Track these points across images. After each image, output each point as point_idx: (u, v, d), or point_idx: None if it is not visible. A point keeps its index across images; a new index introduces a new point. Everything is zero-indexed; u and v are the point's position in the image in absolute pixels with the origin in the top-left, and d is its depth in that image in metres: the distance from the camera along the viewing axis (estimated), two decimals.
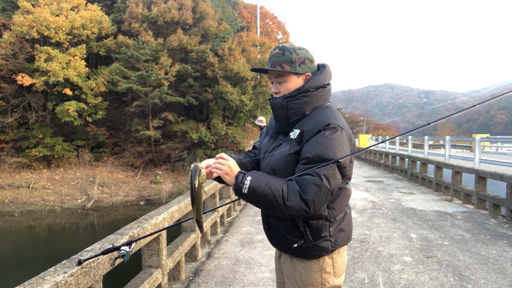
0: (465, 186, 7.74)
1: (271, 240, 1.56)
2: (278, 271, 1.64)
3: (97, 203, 20.45)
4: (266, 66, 1.50)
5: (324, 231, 1.42)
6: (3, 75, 21.50)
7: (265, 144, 1.62)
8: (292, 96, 1.46)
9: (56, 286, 1.54)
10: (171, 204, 3.55)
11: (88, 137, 24.29)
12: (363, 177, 12.23)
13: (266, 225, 1.56)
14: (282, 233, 1.45)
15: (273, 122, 1.64)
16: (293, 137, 1.43)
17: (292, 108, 1.46)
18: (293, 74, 1.48)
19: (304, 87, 1.46)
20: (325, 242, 1.43)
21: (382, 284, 3.34)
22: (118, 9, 27.44)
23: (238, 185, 1.31)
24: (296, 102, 1.45)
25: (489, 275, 3.55)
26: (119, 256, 1.38)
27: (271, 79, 1.53)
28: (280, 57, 1.46)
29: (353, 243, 4.62)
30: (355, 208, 6.92)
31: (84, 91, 22.57)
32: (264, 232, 1.62)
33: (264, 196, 1.29)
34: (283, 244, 1.48)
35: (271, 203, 1.28)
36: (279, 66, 1.46)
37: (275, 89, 1.51)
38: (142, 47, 23.01)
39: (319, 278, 1.44)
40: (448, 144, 9.78)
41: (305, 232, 1.40)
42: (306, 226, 1.41)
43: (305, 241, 1.41)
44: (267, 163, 1.51)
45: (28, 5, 21.74)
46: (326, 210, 1.42)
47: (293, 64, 1.46)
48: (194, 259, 4.13)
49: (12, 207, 19.48)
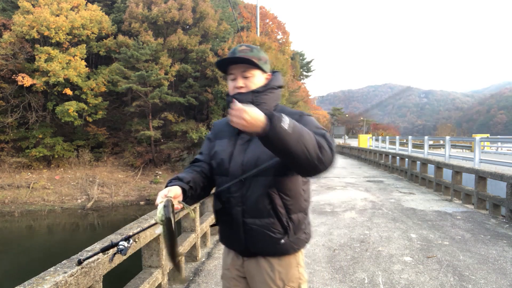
0: (465, 186, 7.74)
1: (245, 245, 1.42)
2: (235, 280, 1.51)
3: (97, 203, 20.45)
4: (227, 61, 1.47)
5: (302, 224, 1.44)
6: (3, 75, 21.51)
7: (225, 146, 1.49)
8: (260, 91, 1.45)
9: (56, 286, 1.54)
10: None
11: (88, 137, 24.29)
12: (363, 177, 12.23)
13: (240, 229, 1.42)
14: (264, 232, 1.38)
15: (222, 125, 1.58)
16: None
17: (261, 103, 1.42)
18: (261, 71, 1.48)
19: (270, 84, 1.48)
20: (303, 234, 1.45)
21: (382, 284, 3.34)
22: (118, 9, 27.43)
23: (275, 122, 1.11)
24: (265, 97, 1.45)
25: (489, 275, 3.55)
26: (118, 251, 1.35)
27: (234, 74, 1.47)
28: (248, 53, 1.45)
29: (353, 243, 4.63)
30: (355, 208, 6.93)
31: (84, 91, 22.58)
32: (231, 241, 1.49)
33: (303, 133, 1.15)
34: (264, 245, 1.39)
35: (310, 142, 1.16)
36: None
37: (240, 84, 1.46)
38: (142, 47, 23.01)
39: (297, 273, 1.45)
40: (448, 144, 9.77)
41: (288, 227, 1.38)
42: (289, 221, 1.39)
43: (288, 236, 1.39)
44: (240, 160, 1.41)
45: (28, 5, 21.74)
46: (303, 202, 1.44)
47: (260, 61, 1.46)
48: (194, 259, 4.13)
49: (12, 207, 19.48)
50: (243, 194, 1.41)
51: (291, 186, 1.40)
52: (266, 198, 1.37)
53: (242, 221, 1.41)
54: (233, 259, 1.52)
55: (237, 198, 1.42)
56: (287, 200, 1.39)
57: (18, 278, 2.25)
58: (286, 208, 1.38)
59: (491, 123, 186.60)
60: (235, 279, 1.52)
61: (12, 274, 10.79)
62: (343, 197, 8.14)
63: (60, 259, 1.89)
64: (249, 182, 1.39)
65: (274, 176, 1.36)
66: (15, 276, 10.19)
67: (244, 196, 1.40)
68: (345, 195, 8.41)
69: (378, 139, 19.14)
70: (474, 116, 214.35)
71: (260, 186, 1.37)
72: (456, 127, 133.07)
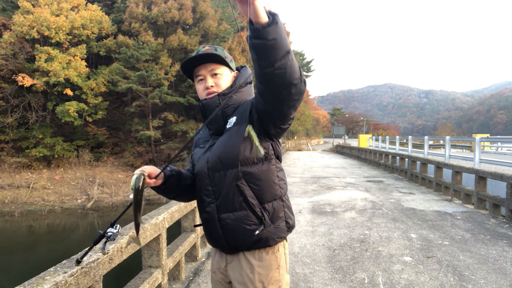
0: (465, 186, 7.74)
1: (225, 241, 1.41)
2: (220, 284, 1.52)
3: (97, 203, 20.45)
4: (193, 60, 1.45)
5: (280, 212, 1.41)
6: (3, 75, 21.52)
7: (200, 151, 1.53)
8: (227, 93, 1.44)
9: (56, 286, 1.54)
10: (171, 204, 3.55)
11: (88, 137, 24.31)
12: (363, 177, 12.23)
13: (217, 225, 1.42)
14: (239, 225, 1.36)
15: (199, 134, 1.61)
16: (230, 125, 1.41)
17: (229, 105, 1.43)
18: (229, 68, 1.48)
19: (236, 83, 1.47)
20: (282, 223, 1.41)
21: (382, 284, 3.34)
22: (118, 9, 27.45)
23: (278, 18, 1.10)
24: (232, 99, 1.44)
25: (489, 275, 3.55)
26: (107, 239, 1.43)
27: (202, 75, 1.46)
28: (214, 51, 1.44)
29: (353, 243, 4.63)
30: (355, 208, 6.93)
31: (84, 91, 22.60)
32: (213, 239, 1.47)
33: (284, 36, 1.12)
34: (241, 238, 1.37)
35: (285, 44, 1.11)
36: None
37: (210, 83, 1.44)
38: (142, 47, 23.02)
39: (278, 275, 1.41)
40: (448, 144, 9.77)
41: (263, 216, 1.36)
42: (263, 210, 1.36)
43: (264, 226, 1.36)
44: (206, 157, 1.44)
45: (28, 5, 21.75)
46: (279, 189, 1.41)
47: (226, 59, 1.45)
48: (194, 259, 4.13)
49: (12, 207, 19.48)
50: (214, 190, 1.41)
51: (261, 175, 1.37)
52: (236, 191, 1.35)
53: (218, 217, 1.40)
54: (218, 261, 1.51)
55: (209, 195, 1.42)
56: (257, 190, 1.36)
57: (18, 278, 2.25)
58: (258, 198, 1.36)
59: (491, 123, 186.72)
60: (220, 283, 1.51)
61: (12, 274, 10.79)
62: (343, 197, 8.14)
63: (60, 259, 1.89)
64: (217, 177, 1.39)
65: (241, 167, 1.35)
66: (15, 276, 10.19)
67: (216, 192, 1.40)
68: (345, 195, 8.41)
69: (378, 139, 19.14)
70: (474, 116, 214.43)
71: (228, 180, 1.36)
72: (456, 127, 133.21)
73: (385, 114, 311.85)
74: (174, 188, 1.49)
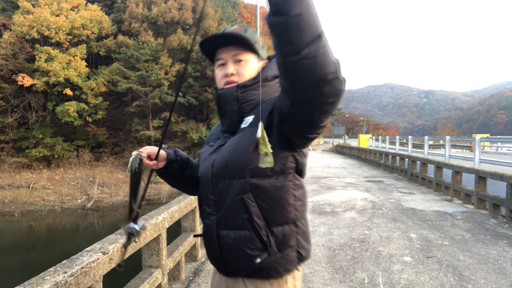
0: (465, 186, 7.74)
1: (222, 262, 1.18)
2: None
3: (97, 203, 20.46)
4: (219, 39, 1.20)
5: (292, 239, 1.13)
6: (3, 75, 21.54)
7: (204, 153, 1.30)
8: (248, 85, 1.18)
9: (56, 286, 1.54)
10: (171, 204, 3.55)
11: (88, 137, 24.32)
12: (363, 177, 12.23)
13: (214, 242, 1.18)
14: (239, 247, 1.12)
15: (213, 129, 1.40)
16: (246, 125, 1.16)
17: (248, 100, 1.18)
18: (256, 56, 1.21)
19: (263, 74, 1.18)
20: (292, 253, 1.14)
21: (382, 284, 3.34)
22: (118, 9, 27.46)
23: None
24: (253, 93, 1.18)
25: (489, 275, 3.55)
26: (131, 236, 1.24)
27: (223, 59, 1.21)
28: (242, 33, 1.17)
29: (353, 243, 4.63)
30: (355, 208, 6.93)
31: (84, 91, 22.62)
32: (210, 255, 1.24)
33: (313, 11, 0.85)
34: (240, 263, 1.13)
35: (314, 23, 0.85)
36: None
37: (231, 70, 1.19)
38: (142, 47, 23.03)
39: None
40: (448, 144, 9.77)
41: (268, 242, 1.10)
42: (270, 234, 1.11)
43: (269, 253, 1.10)
44: (212, 160, 1.20)
45: (28, 5, 21.76)
46: (293, 211, 1.14)
47: (256, 45, 1.19)
48: (194, 259, 4.13)
49: (12, 207, 19.49)
50: (216, 201, 1.17)
51: (272, 191, 1.10)
52: (240, 205, 1.11)
53: (216, 232, 1.17)
54: (218, 283, 1.27)
55: (210, 205, 1.20)
56: (266, 208, 1.11)
57: (18, 278, 2.25)
58: (265, 218, 1.11)
59: (491, 123, 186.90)
60: None
61: (12, 274, 10.79)
62: (343, 197, 8.14)
63: (60, 259, 1.89)
64: (222, 186, 1.15)
65: (249, 178, 1.10)
66: (15, 276, 10.20)
67: (218, 203, 1.17)
68: (345, 195, 8.41)
69: (378, 139, 19.14)
70: (474, 116, 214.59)
71: (233, 191, 1.12)
72: (456, 127, 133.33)
73: (385, 114, 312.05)
74: (176, 176, 1.33)
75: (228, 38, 1.18)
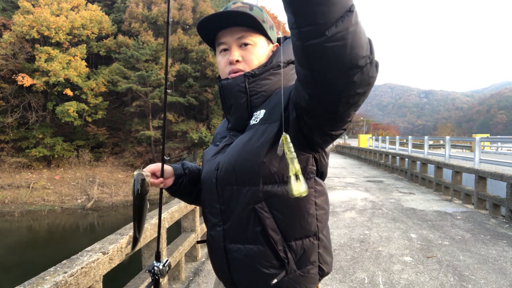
0: (465, 186, 7.74)
1: (231, 279, 1.02)
2: None
3: (97, 203, 20.46)
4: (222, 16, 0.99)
5: (313, 254, 0.98)
6: (3, 75, 21.55)
7: (208, 153, 1.13)
8: (257, 74, 0.99)
9: (56, 286, 1.54)
10: (171, 204, 3.55)
11: (88, 137, 24.33)
12: (363, 177, 12.23)
13: (221, 257, 1.02)
14: (251, 265, 0.96)
15: (219, 127, 1.23)
16: (256, 122, 0.98)
17: (258, 92, 1.00)
18: (265, 38, 1.03)
19: (273, 61, 1.01)
20: (313, 269, 0.99)
21: (382, 284, 3.34)
22: (118, 9, 27.47)
23: None
24: (264, 83, 1.00)
25: (489, 275, 3.55)
26: (155, 277, 1.12)
27: (226, 43, 1.02)
28: (247, 11, 0.97)
29: (353, 243, 4.63)
30: (355, 208, 6.93)
31: (84, 91, 22.64)
32: (216, 269, 1.08)
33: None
34: (252, 282, 0.98)
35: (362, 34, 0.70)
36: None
37: (236, 56, 1.00)
38: (142, 47, 23.05)
39: None
40: (448, 144, 9.77)
41: (286, 258, 0.94)
42: (288, 250, 0.95)
43: (287, 272, 0.95)
44: (216, 162, 1.03)
45: (28, 5, 21.77)
46: (314, 222, 0.98)
47: (265, 24, 1.00)
48: (194, 259, 4.13)
49: (12, 207, 19.49)
50: (223, 210, 1.00)
51: (290, 200, 0.82)
52: (252, 217, 0.95)
53: (224, 246, 1.00)
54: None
55: (216, 215, 1.03)
56: (283, 220, 0.94)
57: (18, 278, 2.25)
58: (282, 232, 0.94)
59: (491, 123, 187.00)
60: None
61: (12, 274, 10.79)
62: (343, 197, 8.14)
63: (60, 259, 1.89)
64: (229, 193, 0.98)
65: (263, 185, 0.93)
66: (15, 276, 10.20)
67: (225, 213, 1.00)
68: (345, 195, 8.41)
69: (378, 139, 19.14)
70: (474, 116, 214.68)
71: (243, 200, 0.95)
72: (456, 127, 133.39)
73: (385, 114, 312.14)
74: (189, 191, 1.17)
75: (231, 18, 0.98)
